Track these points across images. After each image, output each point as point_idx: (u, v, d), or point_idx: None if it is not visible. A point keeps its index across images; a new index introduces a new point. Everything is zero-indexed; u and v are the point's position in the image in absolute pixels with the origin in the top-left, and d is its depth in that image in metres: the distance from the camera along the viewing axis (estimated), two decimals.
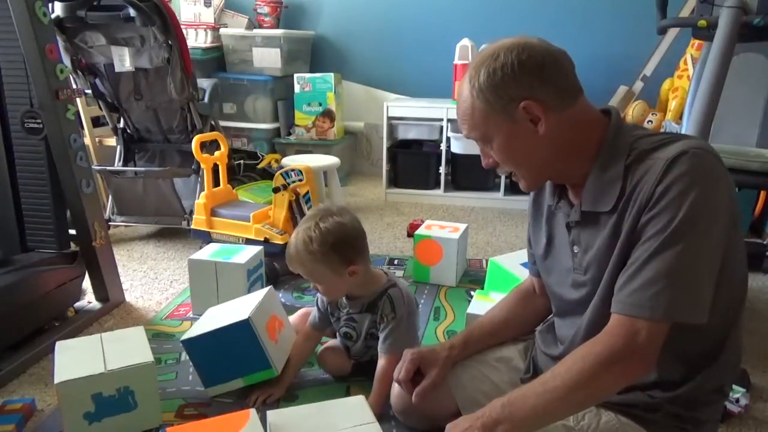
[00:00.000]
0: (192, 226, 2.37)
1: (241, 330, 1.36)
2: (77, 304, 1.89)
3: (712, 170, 0.84)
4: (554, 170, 0.98)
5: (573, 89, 0.92)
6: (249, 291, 1.87)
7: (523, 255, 1.88)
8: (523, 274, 1.74)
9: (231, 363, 1.40)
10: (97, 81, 2.60)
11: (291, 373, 1.47)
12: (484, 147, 0.98)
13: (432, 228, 2.19)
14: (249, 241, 2.18)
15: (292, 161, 3.05)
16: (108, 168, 2.65)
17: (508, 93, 0.89)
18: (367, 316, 1.42)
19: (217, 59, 3.61)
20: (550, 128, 0.90)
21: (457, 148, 3.25)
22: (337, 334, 1.52)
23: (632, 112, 3.04)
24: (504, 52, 0.89)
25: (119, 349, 1.33)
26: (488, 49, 0.92)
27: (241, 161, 3.16)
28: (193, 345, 1.41)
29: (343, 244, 1.30)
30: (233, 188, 2.57)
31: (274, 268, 2.13)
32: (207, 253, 1.91)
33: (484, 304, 1.56)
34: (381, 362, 1.36)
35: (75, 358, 1.29)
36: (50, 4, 2.09)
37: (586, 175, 0.94)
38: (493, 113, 0.91)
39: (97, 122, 3.04)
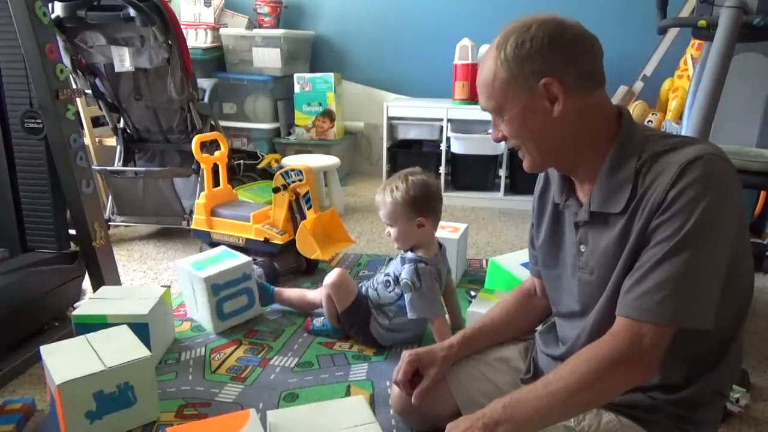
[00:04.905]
0: (192, 226, 2.37)
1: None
2: (77, 304, 1.89)
3: (725, 178, 0.83)
4: (563, 158, 0.96)
5: (597, 77, 0.91)
6: (217, 308, 1.73)
7: (523, 255, 1.87)
8: (523, 274, 1.74)
9: None
10: (97, 81, 2.60)
11: None
12: (495, 119, 0.96)
13: None
14: (249, 241, 2.19)
15: (292, 161, 3.05)
16: (108, 168, 2.66)
17: (532, 67, 0.88)
18: (396, 263, 1.65)
19: (217, 59, 3.61)
20: (566, 111, 0.89)
21: (457, 148, 3.25)
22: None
23: (632, 112, 3.04)
24: (537, 24, 0.88)
25: (112, 348, 1.33)
26: (522, 20, 0.90)
27: (241, 161, 3.16)
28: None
29: (421, 199, 1.57)
30: (233, 188, 2.56)
31: (274, 268, 2.12)
32: (195, 258, 1.85)
33: (486, 302, 1.56)
34: (433, 326, 1.59)
35: (68, 360, 1.29)
36: (50, 4, 2.09)
37: (595, 172, 0.93)
38: (513, 84, 0.90)
39: (97, 122, 3.04)
